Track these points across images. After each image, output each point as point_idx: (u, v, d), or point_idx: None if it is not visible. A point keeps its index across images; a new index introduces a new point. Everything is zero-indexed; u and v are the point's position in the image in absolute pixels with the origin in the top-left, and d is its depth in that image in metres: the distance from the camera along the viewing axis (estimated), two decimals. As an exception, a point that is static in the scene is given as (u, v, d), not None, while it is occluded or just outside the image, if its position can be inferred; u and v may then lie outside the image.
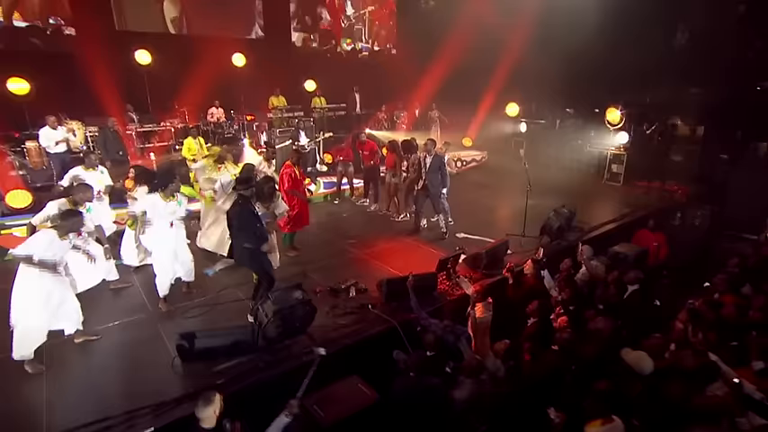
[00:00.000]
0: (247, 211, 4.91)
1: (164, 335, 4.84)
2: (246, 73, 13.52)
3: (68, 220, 4.34)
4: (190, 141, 9.63)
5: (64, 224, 4.32)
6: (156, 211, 5.14)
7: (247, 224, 4.87)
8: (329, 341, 4.62)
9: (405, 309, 5.22)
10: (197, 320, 5.16)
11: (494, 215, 9.30)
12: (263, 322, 4.23)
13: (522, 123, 13.52)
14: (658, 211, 9.02)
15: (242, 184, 5.10)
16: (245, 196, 4.99)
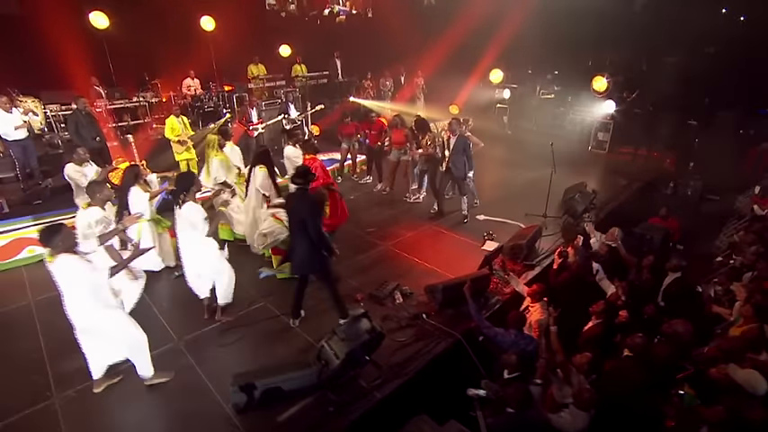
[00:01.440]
0: (316, 204, 4.03)
1: (201, 373, 3.86)
2: (218, 39, 11.60)
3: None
4: (172, 121, 8.03)
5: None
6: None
7: (318, 223, 3.95)
8: (396, 366, 3.87)
9: (461, 316, 4.52)
10: (236, 349, 4.19)
11: (498, 191, 8.54)
12: (330, 361, 3.36)
13: (506, 90, 12.65)
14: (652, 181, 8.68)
15: (301, 177, 4.04)
16: (306, 191, 4.02)
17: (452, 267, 5.58)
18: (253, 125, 8.83)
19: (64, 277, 3.16)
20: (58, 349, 4.18)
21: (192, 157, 8.42)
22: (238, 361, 3.99)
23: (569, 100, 12.63)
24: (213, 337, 4.36)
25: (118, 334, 3.45)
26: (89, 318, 3.31)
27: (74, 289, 3.20)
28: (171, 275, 5.34)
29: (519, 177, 9.11)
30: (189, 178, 4.16)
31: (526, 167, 9.62)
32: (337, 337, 3.38)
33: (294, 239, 4.18)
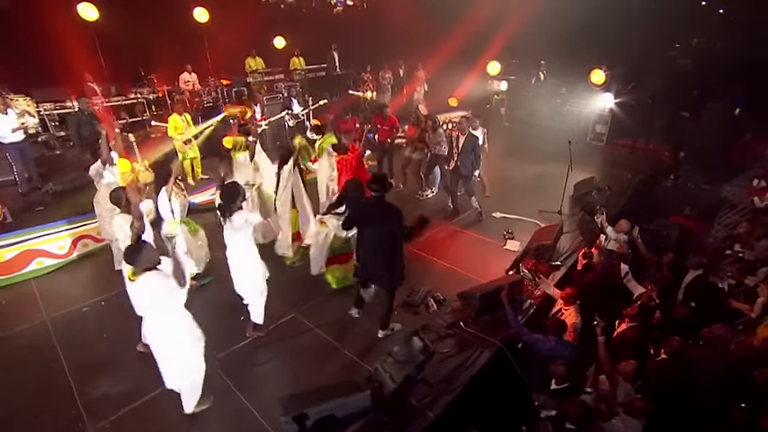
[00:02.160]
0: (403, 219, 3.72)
1: (242, 396, 3.58)
2: (212, 31, 10.91)
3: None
4: (175, 119, 7.50)
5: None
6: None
7: (400, 227, 3.70)
8: (443, 381, 3.66)
9: (498, 322, 4.32)
10: (273, 368, 3.90)
11: (504, 185, 8.24)
12: (385, 384, 3.13)
13: (504, 82, 12.34)
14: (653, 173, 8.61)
15: (378, 183, 3.74)
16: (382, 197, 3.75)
17: (477, 268, 5.38)
18: (257, 122, 8.34)
19: (147, 295, 2.93)
20: (83, 373, 3.87)
21: (196, 155, 7.94)
22: (279, 381, 3.74)
23: (563, 92, 12.47)
24: (247, 354, 4.06)
25: (185, 361, 3.15)
26: (168, 337, 3.06)
27: (156, 307, 2.97)
28: (198, 283, 4.96)
29: (523, 171, 8.91)
30: (235, 189, 3.79)
31: (528, 160, 9.44)
32: (392, 360, 3.14)
33: (369, 249, 3.86)
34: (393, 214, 3.78)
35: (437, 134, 6.71)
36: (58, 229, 5.45)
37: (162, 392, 3.44)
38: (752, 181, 9.20)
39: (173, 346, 3.05)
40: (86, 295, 4.94)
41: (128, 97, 8.88)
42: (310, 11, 12.72)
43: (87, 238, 5.63)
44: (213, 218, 4.48)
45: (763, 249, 5.95)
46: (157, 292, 2.88)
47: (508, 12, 11.29)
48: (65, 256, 5.50)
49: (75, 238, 5.54)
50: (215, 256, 5.07)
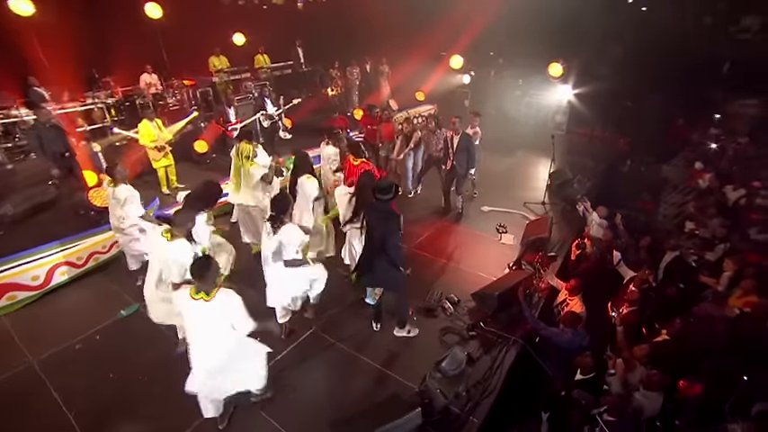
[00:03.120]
0: (396, 224, 3.58)
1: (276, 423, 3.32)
2: (167, 28, 9.89)
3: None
4: (146, 125, 6.75)
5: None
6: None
7: (396, 240, 3.58)
8: (478, 384, 3.60)
9: (513, 319, 4.35)
10: (304, 389, 3.65)
11: (484, 177, 8.27)
12: (435, 399, 3.02)
13: (466, 75, 12.39)
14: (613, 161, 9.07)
15: (385, 191, 3.52)
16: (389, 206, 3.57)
17: (478, 264, 5.39)
18: (232, 125, 7.74)
19: (222, 314, 2.75)
20: (93, 423, 3.38)
21: (171, 163, 7.25)
22: (313, 403, 3.49)
23: (520, 83, 12.77)
24: (273, 375, 3.77)
25: (252, 362, 3.10)
26: (233, 350, 2.90)
27: (227, 324, 2.80)
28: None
29: (497, 164, 9.04)
30: (286, 200, 3.57)
31: (500, 152, 9.60)
32: (440, 375, 3.03)
33: (372, 254, 3.69)
34: (390, 220, 3.59)
35: (437, 135, 6.55)
36: (30, 259, 4.72)
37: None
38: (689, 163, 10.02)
39: (247, 347, 3.00)
40: (76, 330, 4.33)
41: (83, 102, 7.83)
42: (271, 7, 11.91)
43: (67, 265, 4.94)
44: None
45: (716, 227, 6.47)
46: (233, 308, 2.74)
47: (471, 8, 11.26)
48: (40, 287, 4.79)
49: (52, 267, 4.83)
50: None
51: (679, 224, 7.50)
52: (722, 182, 7.71)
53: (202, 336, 2.82)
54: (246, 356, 3.03)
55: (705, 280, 5.49)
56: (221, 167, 8.22)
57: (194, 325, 2.82)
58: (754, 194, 7.23)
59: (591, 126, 10.37)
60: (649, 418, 3.48)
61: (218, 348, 2.84)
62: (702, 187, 8.06)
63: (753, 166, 8.63)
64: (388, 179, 3.68)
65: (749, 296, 4.69)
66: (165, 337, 4.16)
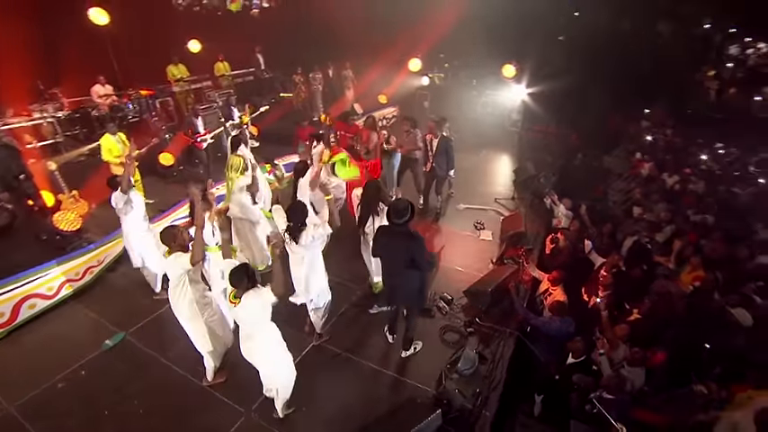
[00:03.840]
0: (421, 240, 3.45)
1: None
2: (116, 35, 9.11)
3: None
4: (108, 140, 6.21)
5: None
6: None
7: (423, 254, 3.46)
8: (485, 378, 3.67)
9: (505, 312, 4.49)
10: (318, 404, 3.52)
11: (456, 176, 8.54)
12: (454, 400, 3.06)
13: (425, 77, 12.55)
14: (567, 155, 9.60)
15: (401, 215, 3.33)
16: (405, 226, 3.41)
17: (463, 262, 5.50)
18: (200, 136, 7.31)
19: (253, 315, 2.93)
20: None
21: (137, 178, 6.70)
22: (327, 417, 3.40)
23: (474, 83, 13.17)
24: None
25: (285, 363, 3.24)
26: (271, 348, 3.11)
27: (259, 324, 3.00)
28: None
29: (463, 161, 9.04)
30: (302, 208, 3.57)
31: (464, 150, 9.69)
32: (458, 376, 3.06)
33: (394, 274, 3.61)
34: (415, 243, 3.42)
35: (413, 136, 6.54)
36: (-8, 294, 4.19)
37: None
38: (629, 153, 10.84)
39: (275, 354, 3.11)
40: (55, 367, 3.90)
41: (30, 117, 7.03)
42: (226, 13, 11.34)
43: (34, 298, 4.43)
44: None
45: (661, 211, 7.06)
46: (260, 308, 2.90)
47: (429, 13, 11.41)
48: (5, 324, 4.26)
49: (19, 301, 4.32)
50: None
51: (627, 210, 8.10)
52: (660, 170, 8.43)
53: (242, 338, 3.06)
54: (271, 361, 3.13)
55: (659, 259, 5.99)
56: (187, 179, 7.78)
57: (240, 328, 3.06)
58: (686, 180, 7.97)
59: (545, 123, 10.90)
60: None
61: (253, 351, 3.06)
62: (644, 175, 8.76)
63: (682, 155, 9.52)
64: (402, 200, 3.46)
65: (697, 271, 5.17)
66: (158, 363, 3.88)
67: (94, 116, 7.62)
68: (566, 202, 6.59)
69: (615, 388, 3.37)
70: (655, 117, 12.24)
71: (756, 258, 5.48)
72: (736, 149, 10.18)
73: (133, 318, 4.45)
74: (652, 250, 6.10)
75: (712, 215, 6.52)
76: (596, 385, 3.51)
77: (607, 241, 6.08)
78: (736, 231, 6.20)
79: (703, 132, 11.13)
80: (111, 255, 5.25)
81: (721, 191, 7.73)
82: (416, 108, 12.73)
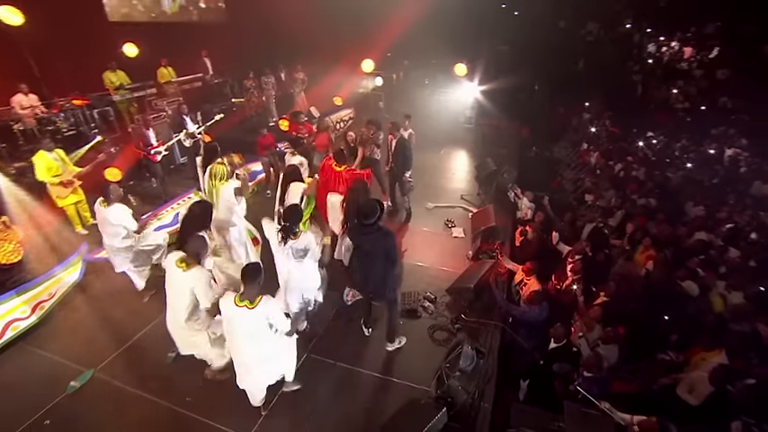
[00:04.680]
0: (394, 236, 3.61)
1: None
2: (37, 38, 8.19)
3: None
4: (44, 157, 5.64)
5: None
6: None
7: (395, 252, 3.60)
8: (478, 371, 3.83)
9: (486, 306, 4.69)
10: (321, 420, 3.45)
11: (418, 174, 8.59)
12: (457, 396, 3.16)
13: (378, 77, 12.64)
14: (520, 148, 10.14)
15: (369, 216, 3.47)
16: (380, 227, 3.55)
17: (440, 260, 5.64)
18: (154, 148, 6.84)
19: (264, 319, 2.93)
20: None
21: (81, 198, 6.19)
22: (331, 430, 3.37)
23: (426, 83, 13.52)
24: (284, 411, 3.52)
25: (287, 355, 3.33)
26: (279, 345, 3.16)
27: (267, 327, 2.98)
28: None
29: (424, 160, 9.35)
30: (297, 210, 3.60)
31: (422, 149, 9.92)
32: (460, 373, 3.17)
33: (369, 269, 3.69)
34: (388, 241, 3.58)
35: (376, 138, 6.57)
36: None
37: None
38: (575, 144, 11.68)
39: (285, 346, 3.19)
40: (11, 422, 3.46)
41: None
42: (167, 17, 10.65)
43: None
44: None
45: (611, 197, 7.72)
46: (277, 312, 2.92)
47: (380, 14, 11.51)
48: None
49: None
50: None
51: (579, 198, 8.75)
52: (606, 159, 9.19)
53: (243, 338, 2.96)
54: (283, 350, 3.22)
55: (615, 242, 6.55)
56: (141, 195, 7.28)
57: (236, 329, 2.95)
58: (629, 167, 8.78)
59: (497, 118, 11.43)
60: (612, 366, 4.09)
61: (257, 348, 3.02)
62: (593, 164, 9.51)
63: (623, 144, 10.44)
64: (371, 201, 3.60)
65: (649, 251, 5.73)
66: (139, 399, 3.62)
67: (19, 130, 6.85)
68: (528, 195, 6.98)
69: (594, 366, 3.65)
70: (594, 109, 13.31)
71: (694, 235, 6.18)
72: (664, 137, 11.38)
73: (100, 352, 4.08)
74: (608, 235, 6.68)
75: (654, 198, 7.21)
76: (575, 368, 3.78)
77: (569, 229, 6.55)
78: (673, 212, 6.94)
79: (635, 123, 12.32)
80: (65, 285, 4.77)
81: (657, 175, 8.60)
82: (372, 108, 12.81)
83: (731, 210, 6.95)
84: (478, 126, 11.68)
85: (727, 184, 8.38)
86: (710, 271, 5.16)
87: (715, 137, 11.05)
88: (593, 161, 9.40)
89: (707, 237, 6.08)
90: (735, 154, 9.70)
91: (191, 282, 3.10)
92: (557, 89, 13.73)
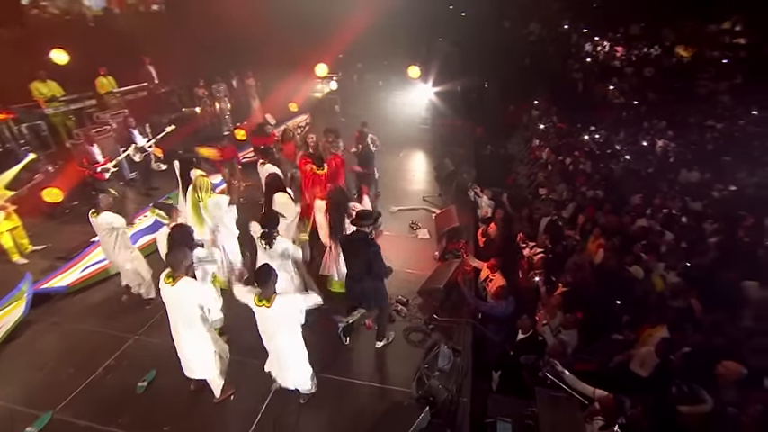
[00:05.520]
0: (378, 248, 3.87)
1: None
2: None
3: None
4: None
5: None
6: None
7: (380, 260, 3.87)
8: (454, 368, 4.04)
9: (456, 304, 4.93)
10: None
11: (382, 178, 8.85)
12: (438, 395, 3.33)
13: (333, 81, 12.68)
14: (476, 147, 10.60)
15: (367, 218, 3.84)
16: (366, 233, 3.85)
17: (408, 263, 5.78)
18: (100, 166, 6.47)
19: (284, 316, 3.15)
20: None
21: (17, 224, 5.75)
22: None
23: (380, 84, 13.74)
24: (269, 424, 3.52)
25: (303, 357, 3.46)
26: (299, 344, 3.37)
27: (291, 325, 3.24)
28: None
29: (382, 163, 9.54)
30: (275, 215, 4.02)
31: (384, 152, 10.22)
32: (439, 373, 3.34)
33: (358, 276, 3.94)
34: (371, 249, 3.83)
35: (335, 146, 6.62)
36: None
37: None
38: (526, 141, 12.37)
39: (299, 351, 3.36)
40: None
41: None
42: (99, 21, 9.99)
43: None
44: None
45: (563, 190, 8.29)
46: (294, 310, 3.15)
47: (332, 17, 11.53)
48: None
49: None
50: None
51: (533, 192, 9.31)
52: (556, 154, 9.84)
53: (265, 332, 3.27)
54: (297, 358, 3.37)
55: (568, 233, 7.06)
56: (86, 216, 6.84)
57: (259, 325, 3.24)
58: (577, 162, 9.46)
59: (452, 118, 11.85)
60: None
61: (275, 344, 3.29)
62: (544, 159, 10.14)
63: (570, 139, 11.21)
64: (367, 210, 3.95)
65: (599, 240, 6.25)
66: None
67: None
68: (487, 193, 7.34)
69: (560, 353, 3.98)
70: (542, 106, 14.15)
71: (636, 222, 6.81)
72: (605, 131, 12.36)
73: (58, 391, 3.81)
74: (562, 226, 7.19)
75: (601, 190, 7.84)
76: (541, 357, 4.09)
77: (528, 224, 6.97)
78: (618, 202, 7.59)
79: (579, 118, 13.26)
80: (8, 324, 4.41)
81: (602, 168, 9.34)
82: (328, 113, 12.84)
83: (664, 197, 7.72)
84: (435, 127, 12.06)
85: (659, 173, 9.27)
86: (652, 254, 5.73)
87: (647, 129, 12.17)
88: (545, 156, 10.03)
89: (647, 223, 6.72)
90: (664, 145, 10.75)
91: (182, 294, 3.09)
92: (506, 87, 14.46)
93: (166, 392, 3.68)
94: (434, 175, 8.51)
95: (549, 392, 3.54)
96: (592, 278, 5.60)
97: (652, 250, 5.82)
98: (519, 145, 12.69)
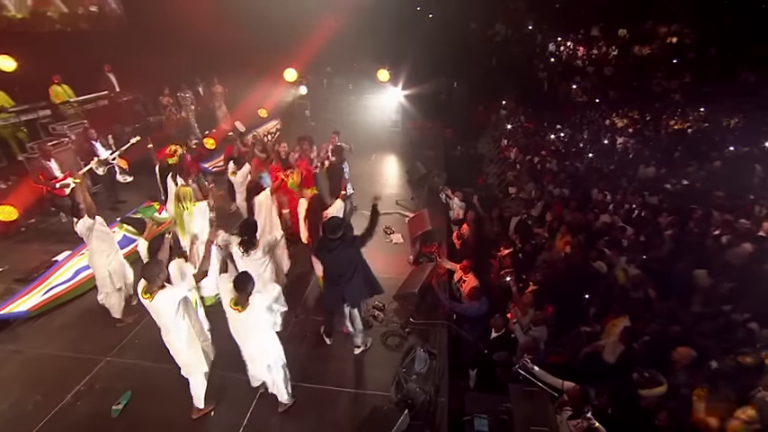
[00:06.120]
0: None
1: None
2: None
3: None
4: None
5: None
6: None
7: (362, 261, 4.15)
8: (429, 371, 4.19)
9: (431, 306, 5.09)
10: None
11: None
12: (416, 397, 3.47)
13: (302, 86, 12.65)
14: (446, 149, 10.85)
15: (335, 230, 3.88)
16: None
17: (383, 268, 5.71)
18: (59, 181, 6.23)
19: (258, 316, 3.30)
20: None
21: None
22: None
23: (350, 88, 13.82)
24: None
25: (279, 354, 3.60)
26: (274, 344, 3.52)
27: (263, 324, 3.38)
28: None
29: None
30: (253, 224, 4.18)
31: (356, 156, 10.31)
32: (416, 376, 3.47)
33: (343, 280, 4.05)
34: (354, 252, 4.01)
35: (309, 153, 6.67)
36: None
37: None
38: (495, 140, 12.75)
39: (275, 351, 3.50)
40: None
41: None
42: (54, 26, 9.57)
43: None
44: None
45: (532, 189, 8.65)
46: (265, 309, 3.31)
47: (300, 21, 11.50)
48: None
49: None
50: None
51: (503, 191, 9.65)
52: (524, 153, 10.23)
53: (238, 334, 3.44)
54: (269, 359, 3.49)
55: (537, 231, 7.39)
56: (46, 234, 6.61)
57: (232, 326, 3.42)
58: (544, 160, 9.88)
59: (422, 120, 12.08)
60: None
61: (249, 347, 3.46)
62: (513, 159, 10.52)
63: (537, 138, 11.66)
64: (336, 218, 4.03)
65: (566, 237, 6.58)
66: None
67: None
68: (458, 195, 7.57)
69: (532, 349, 4.21)
70: (509, 106, 14.63)
71: (599, 218, 7.21)
72: (569, 130, 12.92)
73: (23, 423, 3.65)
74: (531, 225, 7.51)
75: (567, 188, 8.23)
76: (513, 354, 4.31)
77: (498, 224, 7.24)
78: (583, 199, 8.00)
79: (545, 117, 13.80)
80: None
81: (568, 166, 9.79)
82: (298, 118, 12.81)
83: (624, 192, 8.20)
84: (405, 129, 12.25)
85: (620, 169, 9.81)
86: (614, 249, 6.10)
87: (608, 127, 12.83)
88: (513, 156, 10.40)
89: (609, 219, 7.13)
90: (624, 142, 11.37)
91: (162, 306, 3.15)
92: (474, 88, 14.84)
93: (143, 414, 3.64)
94: (407, 179, 8.66)
95: (522, 387, 3.75)
96: (560, 274, 5.91)
97: (615, 246, 6.19)
98: (488, 145, 13.07)
